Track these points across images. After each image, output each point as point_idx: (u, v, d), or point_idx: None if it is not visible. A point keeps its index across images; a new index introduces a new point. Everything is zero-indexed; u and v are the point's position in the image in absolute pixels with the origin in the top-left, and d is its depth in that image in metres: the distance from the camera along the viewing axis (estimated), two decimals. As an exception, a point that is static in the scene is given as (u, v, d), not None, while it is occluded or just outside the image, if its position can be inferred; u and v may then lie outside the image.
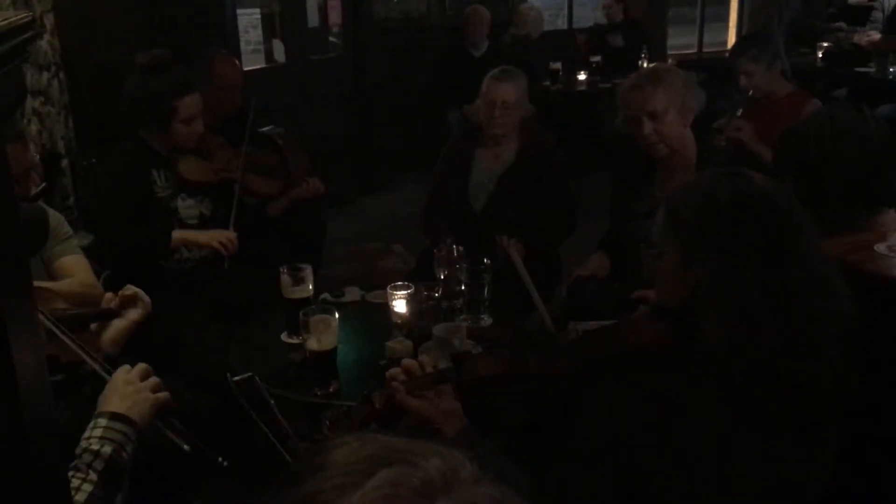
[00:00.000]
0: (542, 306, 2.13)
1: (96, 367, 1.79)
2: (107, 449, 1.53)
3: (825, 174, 1.87)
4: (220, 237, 3.06)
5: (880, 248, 1.77)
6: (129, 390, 1.65)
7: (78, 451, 1.52)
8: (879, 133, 1.92)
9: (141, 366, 1.72)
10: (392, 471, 0.63)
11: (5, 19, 0.92)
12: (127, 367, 1.72)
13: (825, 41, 6.66)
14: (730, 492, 1.42)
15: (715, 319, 1.40)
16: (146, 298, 2.08)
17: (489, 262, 2.57)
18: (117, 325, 2.03)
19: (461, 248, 2.69)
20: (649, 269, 1.58)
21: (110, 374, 1.77)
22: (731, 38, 9.06)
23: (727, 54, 4.87)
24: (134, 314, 2.05)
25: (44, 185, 3.10)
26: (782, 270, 1.40)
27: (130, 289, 2.07)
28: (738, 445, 1.41)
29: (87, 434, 1.56)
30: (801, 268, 1.41)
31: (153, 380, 1.70)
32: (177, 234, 3.05)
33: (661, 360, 1.52)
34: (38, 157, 2.90)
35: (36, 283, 2.16)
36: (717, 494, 1.42)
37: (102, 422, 1.58)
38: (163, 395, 1.69)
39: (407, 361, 1.66)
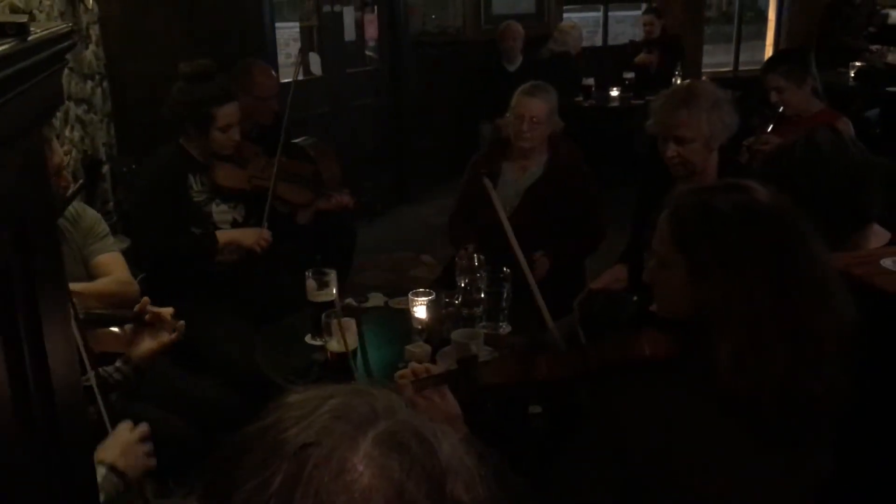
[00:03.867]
0: (549, 318, 2.17)
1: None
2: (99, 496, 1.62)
3: (814, 197, 1.91)
4: (259, 240, 3.17)
5: (886, 262, 1.79)
6: (129, 449, 1.77)
7: None
8: (859, 154, 2.02)
9: (143, 427, 1.84)
10: (339, 400, 0.74)
11: (47, 28, 1.01)
12: (130, 424, 1.83)
13: (859, 60, 6.63)
14: (727, 499, 1.44)
15: (724, 340, 1.40)
16: (180, 323, 2.15)
17: (508, 271, 2.61)
18: (152, 344, 2.09)
19: (482, 257, 2.73)
20: (649, 274, 1.61)
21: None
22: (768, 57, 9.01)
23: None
24: (165, 337, 2.11)
25: (81, 183, 3.19)
26: (790, 289, 1.40)
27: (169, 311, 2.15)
28: (737, 455, 1.43)
29: None
30: (807, 284, 1.42)
31: (149, 445, 1.83)
32: (221, 236, 3.15)
33: (668, 369, 1.52)
34: (68, 158, 2.98)
35: (70, 285, 2.25)
36: (715, 501, 1.44)
37: (102, 470, 1.68)
38: (152, 461, 1.82)
39: (415, 365, 1.74)
